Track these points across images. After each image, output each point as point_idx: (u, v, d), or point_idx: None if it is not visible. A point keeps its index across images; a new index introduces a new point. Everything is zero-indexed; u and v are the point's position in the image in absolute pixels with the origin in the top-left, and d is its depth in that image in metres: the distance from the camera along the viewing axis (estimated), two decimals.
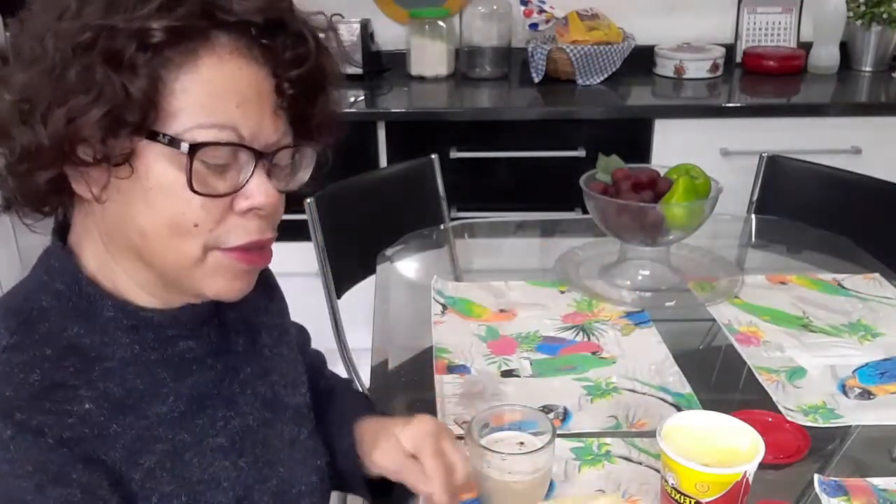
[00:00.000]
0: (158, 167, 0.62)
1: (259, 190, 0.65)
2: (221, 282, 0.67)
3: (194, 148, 0.61)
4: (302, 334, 1.02)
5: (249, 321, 0.82)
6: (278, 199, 0.67)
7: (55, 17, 0.61)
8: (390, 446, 0.81)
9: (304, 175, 0.72)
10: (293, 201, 0.83)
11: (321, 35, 0.69)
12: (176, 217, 0.63)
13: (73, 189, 0.65)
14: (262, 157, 0.65)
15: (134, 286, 0.69)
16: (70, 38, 0.59)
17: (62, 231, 0.71)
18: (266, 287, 0.88)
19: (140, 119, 0.60)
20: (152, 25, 0.59)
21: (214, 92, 0.62)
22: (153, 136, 0.61)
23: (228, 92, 0.63)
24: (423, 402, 1.08)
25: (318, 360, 1.04)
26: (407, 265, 1.55)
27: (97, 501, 0.62)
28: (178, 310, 0.71)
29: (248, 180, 0.65)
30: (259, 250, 0.68)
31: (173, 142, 0.61)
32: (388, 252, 1.55)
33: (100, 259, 0.69)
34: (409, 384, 1.15)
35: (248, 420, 0.78)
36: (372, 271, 1.50)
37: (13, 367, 0.63)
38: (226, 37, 0.63)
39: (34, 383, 0.62)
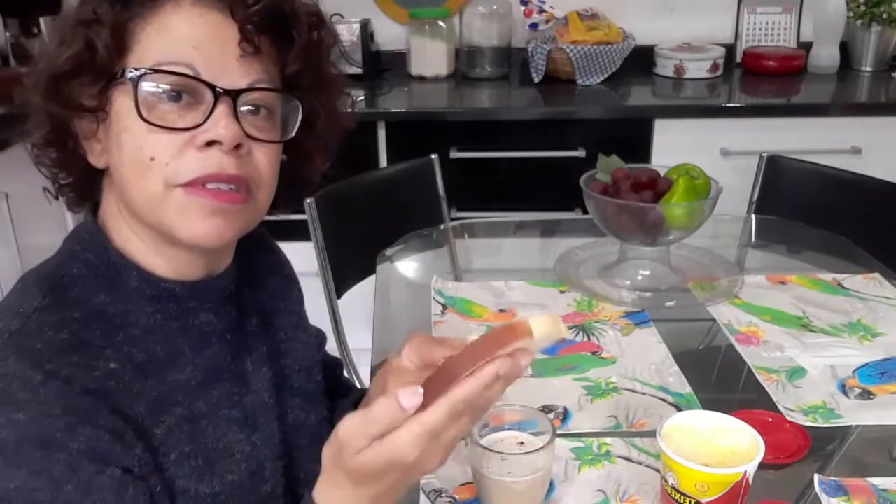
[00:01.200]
0: (122, 107, 0.67)
1: (217, 123, 0.66)
2: (188, 221, 0.68)
3: (140, 77, 0.66)
4: (319, 337, 1.04)
5: (265, 303, 0.84)
6: (240, 137, 0.68)
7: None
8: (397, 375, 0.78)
9: (290, 127, 0.74)
10: (293, 201, 0.84)
11: None
12: (134, 152, 0.67)
13: (90, 163, 0.71)
14: (226, 95, 0.67)
15: (154, 256, 0.72)
16: (63, 17, 0.68)
17: (95, 209, 0.76)
18: (288, 278, 0.92)
19: (107, 64, 0.66)
20: None
21: (172, 36, 0.67)
22: (114, 77, 0.67)
23: (186, 36, 0.67)
24: None
25: (334, 364, 1.07)
26: (407, 265, 1.55)
27: (124, 445, 0.64)
28: (199, 282, 0.74)
29: (208, 117, 0.67)
30: (225, 189, 0.68)
31: (124, 74, 0.66)
32: (388, 252, 1.54)
33: (124, 231, 0.72)
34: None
35: (262, 397, 0.80)
36: (372, 271, 1.50)
37: (43, 325, 0.66)
38: None
39: (62, 341, 0.65)
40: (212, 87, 0.67)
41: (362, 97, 2.35)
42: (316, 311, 1.32)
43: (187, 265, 0.74)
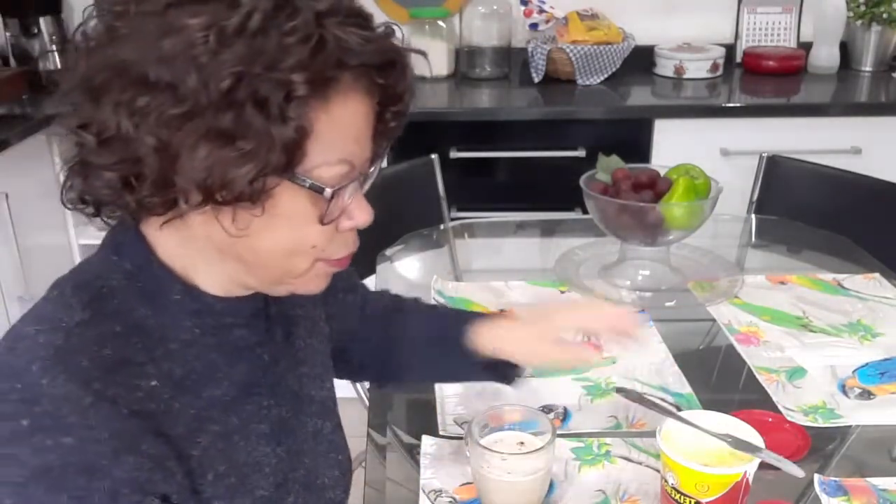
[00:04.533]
0: (290, 202, 0.64)
1: (361, 210, 0.70)
2: (314, 283, 0.73)
3: (336, 191, 0.65)
4: (351, 277, 1.04)
5: (287, 313, 0.85)
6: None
7: (186, 48, 0.58)
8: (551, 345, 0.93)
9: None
10: None
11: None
12: (297, 242, 0.67)
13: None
14: (363, 179, 0.69)
15: (205, 276, 0.71)
16: (217, 77, 0.57)
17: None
18: None
19: (285, 164, 0.61)
20: (295, 79, 0.58)
21: (339, 130, 0.64)
22: (293, 178, 0.63)
23: (350, 129, 0.65)
24: (423, 402, 1.08)
25: (389, 300, 1.09)
26: (407, 265, 1.55)
27: (166, 473, 0.64)
28: (237, 299, 0.74)
29: (350, 202, 0.68)
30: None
31: (313, 186, 0.64)
32: (388, 252, 1.55)
33: (175, 249, 0.70)
34: (409, 384, 1.15)
35: (283, 410, 0.80)
36: (372, 271, 1.50)
37: (87, 340, 0.65)
38: (350, 77, 0.63)
39: (107, 357, 0.65)
40: (360, 176, 0.68)
41: None
42: None
43: (237, 287, 0.73)
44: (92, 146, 0.61)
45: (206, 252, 0.69)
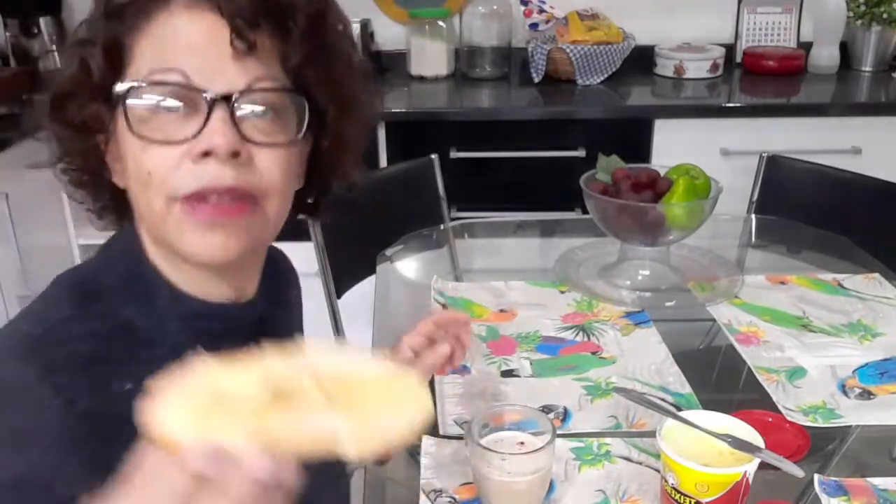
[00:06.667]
0: (120, 126, 0.65)
1: (213, 131, 0.62)
2: (189, 237, 0.65)
3: (128, 91, 0.64)
4: None
5: (282, 337, 0.84)
6: (235, 144, 0.63)
7: None
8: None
9: (300, 128, 0.68)
10: (329, 206, 0.83)
11: None
12: (135, 169, 0.65)
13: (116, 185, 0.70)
14: (222, 101, 0.63)
15: (178, 273, 0.71)
16: (67, 41, 0.68)
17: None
18: (300, 315, 0.93)
19: (103, 83, 0.65)
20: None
21: (164, 44, 0.64)
22: (110, 96, 0.65)
23: (177, 42, 0.64)
24: None
25: None
26: (407, 265, 1.55)
27: (94, 483, 0.62)
28: (226, 306, 0.73)
29: (203, 125, 0.63)
30: (226, 202, 0.64)
31: (119, 96, 0.64)
32: (388, 252, 1.54)
33: (151, 246, 0.71)
34: None
35: None
36: (372, 271, 1.50)
37: (65, 335, 0.65)
38: None
39: (81, 354, 0.64)
40: (203, 93, 0.63)
41: None
42: (316, 311, 1.33)
43: (210, 286, 0.71)
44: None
45: (146, 237, 0.70)
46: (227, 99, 0.63)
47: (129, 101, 0.63)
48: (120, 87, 0.64)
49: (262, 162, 0.66)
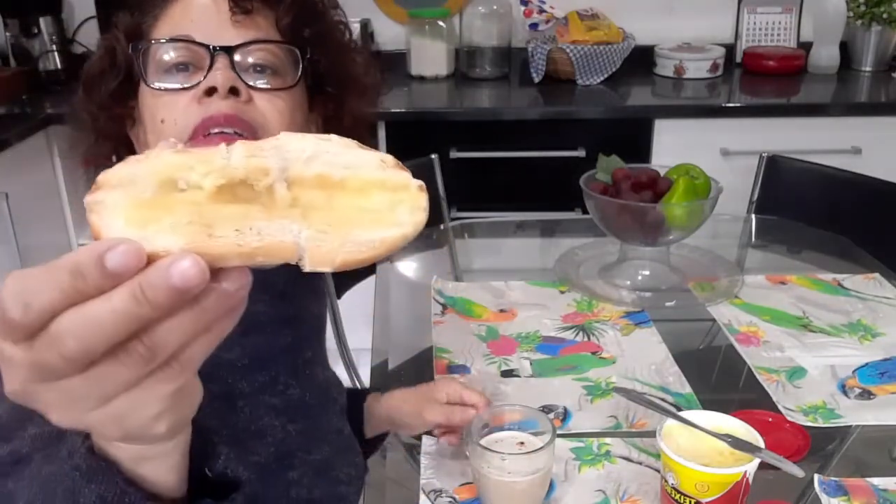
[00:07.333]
0: (140, 93, 0.74)
1: (214, 73, 0.70)
2: None
3: (145, 50, 0.72)
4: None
5: (312, 311, 0.88)
6: (233, 80, 0.70)
7: None
8: (434, 404, 0.95)
9: (292, 74, 0.75)
10: None
11: None
12: (150, 121, 0.72)
13: None
14: (222, 52, 0.71)
15: None
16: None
17: None
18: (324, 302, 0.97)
19: (126, 65, 0.74)
20: None
21: (174, 21, 0.74)
22: (132, 75, 0.74)
23: (186, 17, 0.73)
24: None
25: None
26: (407, 265, 1.55)
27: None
28: (261, 272, 0.75)
29: (207, 74, 0.71)
30: (230, 133, 0.68)
31: (136, 48, 0.73)
32: None
33: None
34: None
35: (307, 396, 0.82)
36: (372, 271, 1.50)
37: None
38: None
39: None
40: (206, 46, 0.71)
41: None
42: None
43: None
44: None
45: None
46: (227, 50, 0.71)
47: (146, 58, 0.72)
48: (140, 45, 0.73)
49: (262, 104, 0.72)
